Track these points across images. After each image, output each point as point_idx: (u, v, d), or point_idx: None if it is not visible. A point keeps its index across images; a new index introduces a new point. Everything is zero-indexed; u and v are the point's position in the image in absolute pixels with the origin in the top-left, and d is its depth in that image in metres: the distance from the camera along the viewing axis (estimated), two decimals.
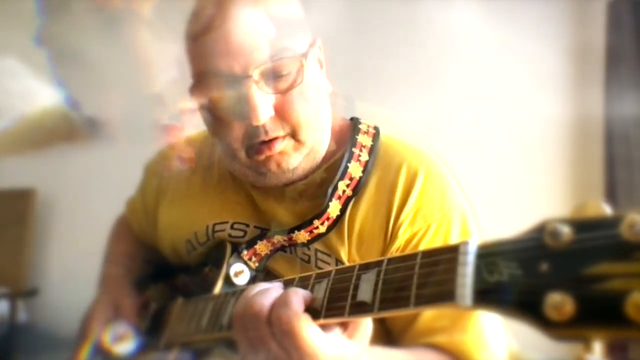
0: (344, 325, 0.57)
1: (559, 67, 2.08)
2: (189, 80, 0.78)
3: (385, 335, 0.80)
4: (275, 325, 0.55)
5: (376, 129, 0.85)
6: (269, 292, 0.58)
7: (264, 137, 0.74)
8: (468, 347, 0.75)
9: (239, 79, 0.72)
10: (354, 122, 0.85)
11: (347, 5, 2.02)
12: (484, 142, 2.07)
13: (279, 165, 0.77)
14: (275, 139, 0.75)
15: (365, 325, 0.57)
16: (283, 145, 0.76)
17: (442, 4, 2.10)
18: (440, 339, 0.75)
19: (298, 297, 0.55)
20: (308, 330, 0.53)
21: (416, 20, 2.16)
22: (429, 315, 0.76)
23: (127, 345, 0.88)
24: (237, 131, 0.76)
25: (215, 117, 0.78)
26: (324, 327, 0.55)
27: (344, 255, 0.78)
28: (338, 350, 0.55)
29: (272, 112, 0.73)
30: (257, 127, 0.73)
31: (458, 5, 2.09)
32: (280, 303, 0.55)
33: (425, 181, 0.78)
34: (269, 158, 0.77)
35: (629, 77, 1.92)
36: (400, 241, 0.77)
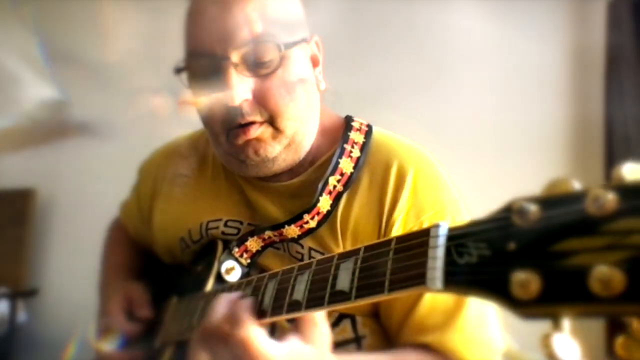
0: (298, 330, 0.59)
1: (559, 67, 2.08)
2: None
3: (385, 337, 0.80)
4: (230, 341, 0.58)
5: (369, 126, 0.84)
6: (218, 308, 0.61)
7: (240, 120, 0.75)
8: (458, 347, 0.73)
9: (219, 60, 0.74)
10: (347, 120, 0.85)
11: (347, 6, 2.03)
12: (483, 142, 2.06)
13: (256, 152, 0.77)
14: (253, 123, 0.75)
15: (319, 327, 0.59)
16: (260, 131, 0.76)
17: (442, 4, 2.10)
18: (430, 338, 0.74)
19: (246, 312, 0.59)
20: (260, 340, 0.57)
21: (416, 20, 2.16)
22: (422, 312, 0.75)
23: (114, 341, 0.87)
24: (217, 114, 0.77)
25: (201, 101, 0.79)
26: (280, 336, 0.59)
27: None
28: (294, 353, 0.57)
29: (249, 96, 0.74)
30: (234, 109, 0.74)
31: (458, 6, 2.09)
32: (232, 320, 0.59)
33: (415, 179, 0.78)
34: (246, 144, 0.77)
35: (629, 77, 1.91)
36: None
